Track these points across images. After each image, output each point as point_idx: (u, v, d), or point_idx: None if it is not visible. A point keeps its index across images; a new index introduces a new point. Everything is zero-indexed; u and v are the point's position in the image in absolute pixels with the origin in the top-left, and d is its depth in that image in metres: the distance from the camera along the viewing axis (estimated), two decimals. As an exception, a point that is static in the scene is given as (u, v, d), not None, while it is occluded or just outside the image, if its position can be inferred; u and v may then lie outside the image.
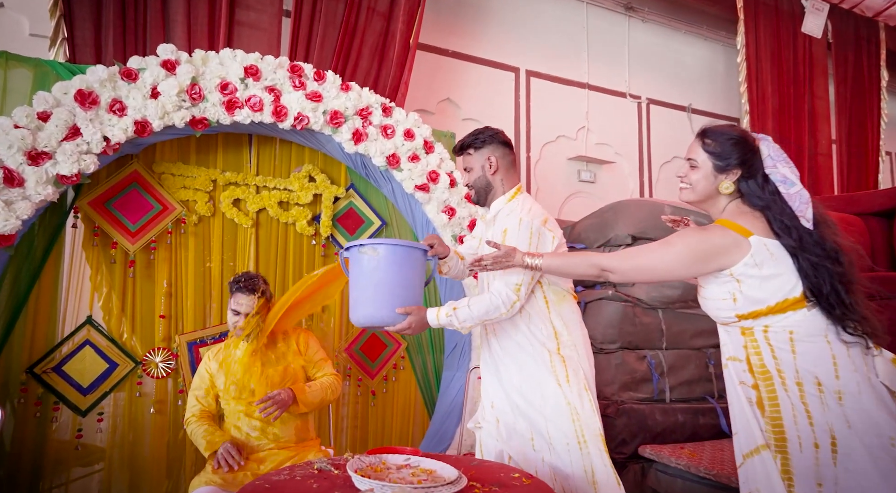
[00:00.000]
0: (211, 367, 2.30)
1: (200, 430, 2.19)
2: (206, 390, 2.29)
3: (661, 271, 1.57)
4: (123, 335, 2.62)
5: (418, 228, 3.23)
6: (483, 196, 2.04)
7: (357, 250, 1.83)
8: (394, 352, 3.25)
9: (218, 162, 2.88)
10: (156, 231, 2.67)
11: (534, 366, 1.88)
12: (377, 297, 1.79)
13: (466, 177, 2.05)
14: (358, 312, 1.85)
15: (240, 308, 2.25)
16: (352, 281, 1.87)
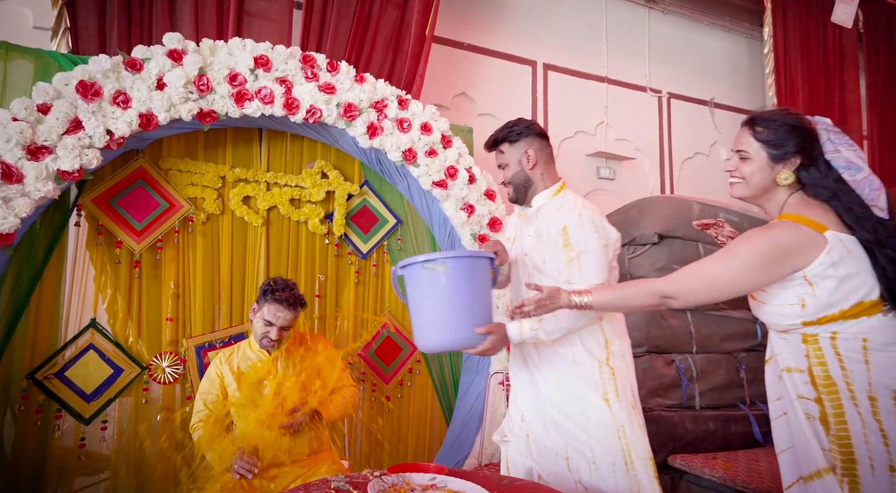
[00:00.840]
0: (222, 371, 2.18)
1: (207, 440, 2.06)
2: (216, 395, 2.16)
3: (727, 286, 1.38)
4: (129, 339, 2.51)
5: (435, 227, 3.09)
6: (522, 193, 1.86)
7: (420, 267, 1.57)
8: (409, 356, 3.11)
9: (227, 158, 2.76)
10: (162, 230, 2.55)
11: (577, 379, 1.72)
12: (453, 317, 1.57)
13: (502, 174, 1.89)
14: (431, 336, 1.61)
15: (276, 321, 2.11)
16: (416, 303, 1.62)
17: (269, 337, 2.13)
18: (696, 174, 5.27)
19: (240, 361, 2.18)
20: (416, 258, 1.59)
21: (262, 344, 2.16)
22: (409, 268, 1.61)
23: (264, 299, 2.12)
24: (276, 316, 2.10)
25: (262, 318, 2.12)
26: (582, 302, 1.51)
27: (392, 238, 3.10)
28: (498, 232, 2.98)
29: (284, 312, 2.11)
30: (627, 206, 3.54)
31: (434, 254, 1.59)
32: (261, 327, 2.14)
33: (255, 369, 2.12)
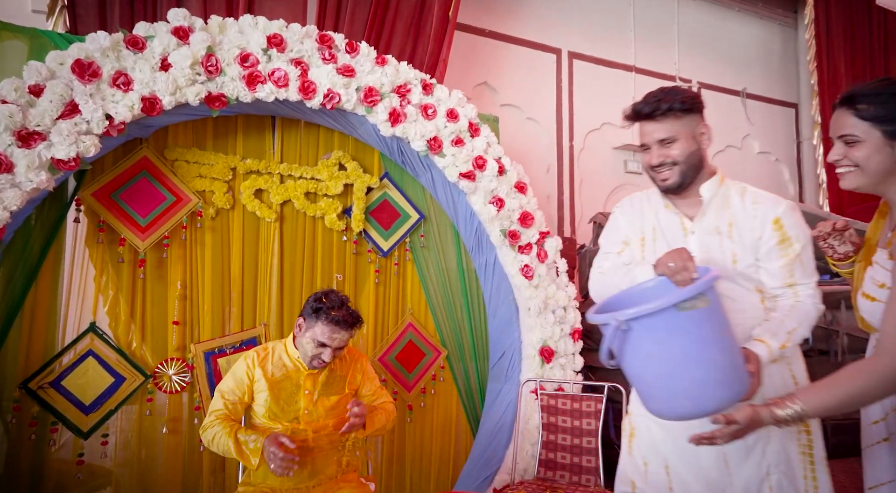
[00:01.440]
0: (255, 374, 1.93)
1: (229, 437, 1.80)
2: (240, 398, 1.91)
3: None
4: (132, 345, 2.30)
5: (460, 223, 2.87)
6: (691, 178, 1.47)
7: (674, 312, 1.13)
8: (433, 361, 2.89)
9: (238, 148, 2.55)
10: (168, 226, 2.35)
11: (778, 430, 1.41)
12: (733, 365, 1.21)
13: (662, 151, 1.45)
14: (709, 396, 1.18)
15: (332, 343, 1.87)
16: (670, 361, 1.17)
17: (322, 359, 1.89)
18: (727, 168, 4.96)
19: (274, 367, 1.95)
20: (647, 305, 1.14)
21: (311, 365, 1.92)
22: (655, 318, 1.13)
23: (315, 318, 1.87)
24: (331, 338, 1.86)
25: (313, 338, 1.87)
26: (795, 415, 1.13)
27: (414, 235, 2.88)
28: (529, 227, 2.75)
29: (341, 333, 1.86)
30: (665, 200, 3.29)
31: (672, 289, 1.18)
32: (312, 348, 1.87)
33: (293, 383, 1.91)
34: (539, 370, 2.72)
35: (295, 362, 1.95)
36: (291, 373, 1.93)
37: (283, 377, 1.92)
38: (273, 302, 2.55)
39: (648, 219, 1.58)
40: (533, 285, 2.72)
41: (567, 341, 2.78)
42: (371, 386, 2.08)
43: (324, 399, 1.94)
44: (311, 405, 1.92)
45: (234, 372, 1.94)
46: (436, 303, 2.90)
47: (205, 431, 1.86)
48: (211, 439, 1.84)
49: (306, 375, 1.93)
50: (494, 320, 2.92)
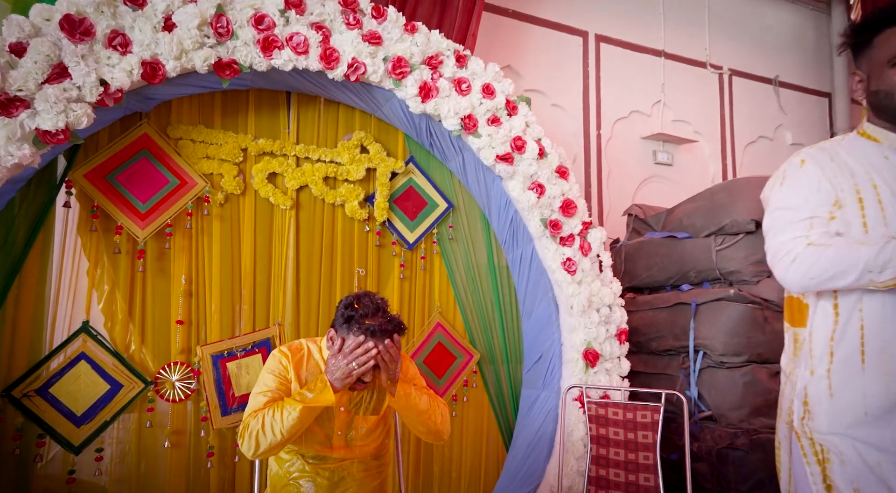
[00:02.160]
0: (290, 376, 1.59)
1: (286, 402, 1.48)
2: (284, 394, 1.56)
3: None
4: (130, 347, 2.03)
5: (493, 212, 2.59)
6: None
7: None
8: (465, 365, 2.62)
9: (249, 126, 2.28)
10: (172, 212, 2.08)
11: None
12: None
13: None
14: None
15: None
16: None
17: (363, 381, 1.55)
18: (759, 161, 4.75)
19: (308, 373, 1.62)
20: None
21: (356, 386, 1.59)
22: None
23: (347, 329, 1.50)
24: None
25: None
26: None
27: (442, 225, 2.61)
28: (572, 216, 2.48)
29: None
30: (712, 189, 3.03)
31: None
32: (346, 365, 1.49)
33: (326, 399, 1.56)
34: (582, 376, 2.45)
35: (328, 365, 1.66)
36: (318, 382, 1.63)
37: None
38: (289, 299, 2.28)
39: (860, 172, 1.28)
40: (576, 280, 2.45)
41: (613, 342, 2.51)
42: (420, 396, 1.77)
43: (360, 419, 1.65)
44: (345, 426, 1.64)
45: (271, 369, 1.60)
46: (465, 301, 2.63)
47: (246, 431, 1.47)
48: (260, 427, 1.44)
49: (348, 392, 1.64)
50: (529, 321, 2.65)
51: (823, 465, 1.27)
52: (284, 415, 1.45)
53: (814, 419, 1.31)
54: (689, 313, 2.77)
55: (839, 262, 1.19)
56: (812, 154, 1.35)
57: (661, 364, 2.93)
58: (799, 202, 1.30)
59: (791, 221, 1.30)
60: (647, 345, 3.00)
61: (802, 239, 1.26)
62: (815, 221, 1.27)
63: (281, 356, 1.61)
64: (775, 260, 1.33)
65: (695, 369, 2.71)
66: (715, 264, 2.79)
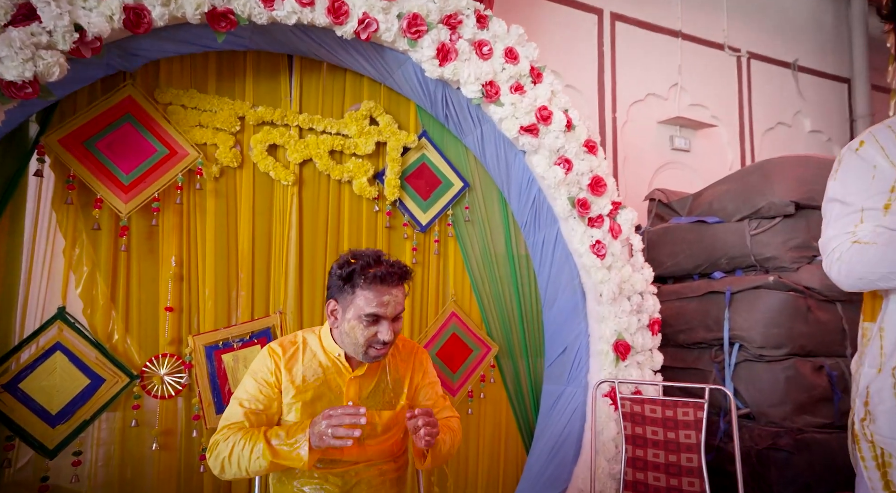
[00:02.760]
0: (280, 378, 1.38)
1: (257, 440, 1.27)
2: (267, 404, 1.36)
3: None
4: (113, 336, 1.80)
5: (513, 191, 2.38)
6: None
7: None
8: (482, 359, 2.40)
9: (247, 92, 2.05)
10: (159, 185, 1.85)
11: None
12: None
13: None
14: None
15: (387, 311, 1.32)
16: None
17: (383, 341, 1.34)
18: (778, 149, 4.55)
19: (306, 370, 1.40)
20: None
21: (368, 356, 1.38)
22: None
23: (351, 288, 1.32)
24: (382, 303, 1.30)
25: (359, 315, 1.31)
26: None
27: (458, 206, 2.39)
28: (601, 195, 2.27)
29: (392, 292, 1.32)
30: (745, 170, 2.83)
31: None
32: (362, 330, 1.31)
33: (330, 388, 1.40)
34: (612, 370, 2.23)
35: (335, 360, 1.44)
36: (330, 377, 1.41)
37: (318, 383, 1.40)
38: (291, 284, 2.05)
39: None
40: (605, 265, 2.24)
41: (645, 333, 2.29)
42: (430, 393, 1.56)
43: (374, 414, 1.43)
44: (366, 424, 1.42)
45: (255, 372, 1.40)
46: (482, 288, 2.42)
47: (215, 449, 1.29)
48: (227, 455, 1.26)
49: (350, 379, 1.42)
50: (552, 310, 2.43)
51: (884, 469, 1.16)
52: (252, 457, 1.26)
53: (875, 421, 1.19)
54: (723, 303, 2.57)
55: (885, 261, 1.10)
56: (875, 132, 1.21)
57: (691, 358, 2.73)
58: (850, 192, 1.19)
59: (839, 215, 1.20)
60: (675, 338, 2.79)
61: (848, 236, 1.17)
62: (867, 215, 1.16)
63: (269, 356, 1.40)
64: (823, 256, 1.25)
65: (730, 363, 2.50)
66: (749, 250, 2.59)
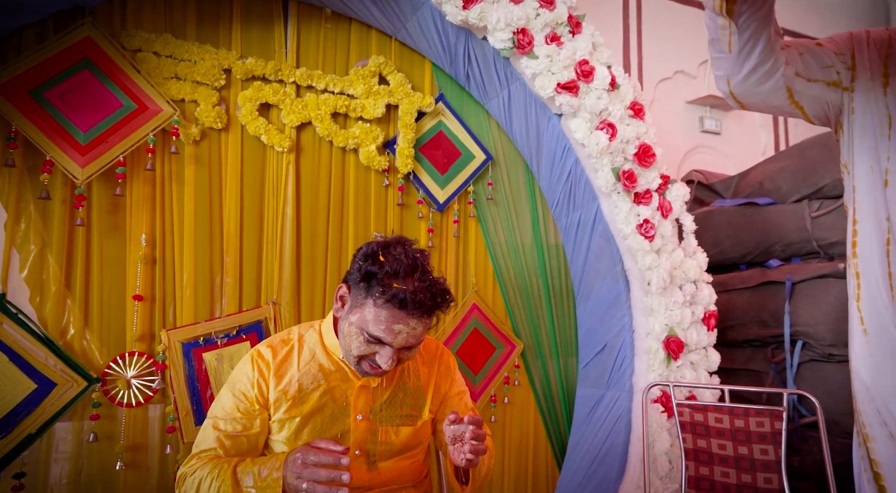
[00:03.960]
0: (267, 387, 1.09)
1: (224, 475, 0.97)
2: (246, 424, 1.06)
3: None
4: (68, 331, 1.47)
5: (543, 164, 2.05)
6: None
7: None
8: (506, 358, 2.07)
9: (234, 41, 1.72)
10: (126, 146, 1.52)
11: None
12: None
13: None
14: None
15: (394, 340, 1.02)
16: None
17: (376, 365, 1.05)
18: (810, 131, 4.24)
19: (302, 376, 1.10)
20: None
21: (360, 369, 1.09)
22: None
23: (367, 291, 1.03)
24: (391, 330, 1.01)
25: (361, 328, 1.04)
26: None
27: (479, 182, 2.07)
28: (649, 167, 1.95)
29: (410, 323, 1.02)
30: (802, 144, 2.51)
31: None
32: (359, 343, 1.04)
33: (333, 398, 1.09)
34: (662, 371, 1.91)
35: (339, 363, 1.12)
36: (334, 384, 1.10)
37: (318, 393, 1.08)
38: (286, 270, 1.72)
39: None
40: (654, 249, 1.91)
41: (699, 328, 1.97)
42: (459, 405, 1.25)
43: (389, 432, 1.12)
44: (366, 442, 1.11)
45: (233, 381, 1.10)
46: (507, 277, 2.09)
47: (182, 485, 1.01)
48: (194, 491, 0.98)
49: (359, 386, 1.10)
50: (588, 302, 2.11)
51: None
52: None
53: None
54: (782, 295, 2.24)
55: None
56: None
57: (742, 358, 2.40)
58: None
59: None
60: (723, 334, 2.46)
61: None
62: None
63: (254, 363, 1.09)
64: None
65: (792, 364, 2.18)
66: (811, 235, 2.26)
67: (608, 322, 2.05)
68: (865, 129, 0.82)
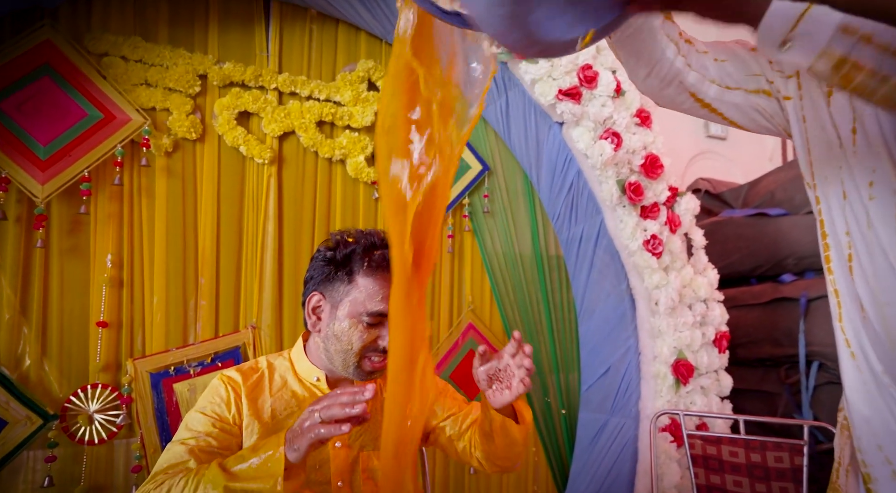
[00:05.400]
0: (242, 410, 0.97)
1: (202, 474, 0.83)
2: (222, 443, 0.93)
3: None
4: (24, 362, 1.35)
5: (543, 175, 1.93)
6: None
7: None
8: (505, 382, 1.94)
9: (210, 44, 1.60)
10: (91, 160, 1.39)
11: None
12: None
13: None
14: None
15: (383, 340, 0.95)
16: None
17: (379, 350, 0.95)
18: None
19: (275, 401, 0.99)
20: None
21: (362, 370, 0.96)
22: None
23: (347, 276, 0.95)
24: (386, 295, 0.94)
25: (358, 312, 0.94)
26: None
27: (475, 194, 1.95)
28: (657, 179, 1.82)
29: None
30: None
31: None
32: (360, 332, 0.94)
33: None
34: (671, 397, 1.79)
35: (312, 388, 1.01)
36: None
37: (293, 420, 0.96)
38: (267, 291, 1.60)
39: None
40: (662, 266, 1.79)
41: (710, 351, 1.85)
42: (447, 402, 1.13)
43: (371, 457, 1.02)
44: (348, 471, 1.00)
45: (203, 406, 0.97)
46: (505, 295, 1.97)
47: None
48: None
49: None
50: (591, 321, 1.99)
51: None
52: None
53: None
54: (796, 312, 2.12)
55: None
56: None
57: (754, 378, 2.28)
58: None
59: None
60: (733, 353, 2.33)
61: None
62: None
63: (223, 385, 0.98)
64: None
65: (808, 386, 2.05)
66: (825, 248, 2.13)
67: (612, 343, 1.92)
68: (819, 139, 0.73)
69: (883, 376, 0.66)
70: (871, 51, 0.48)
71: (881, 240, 0.65)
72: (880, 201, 0.66)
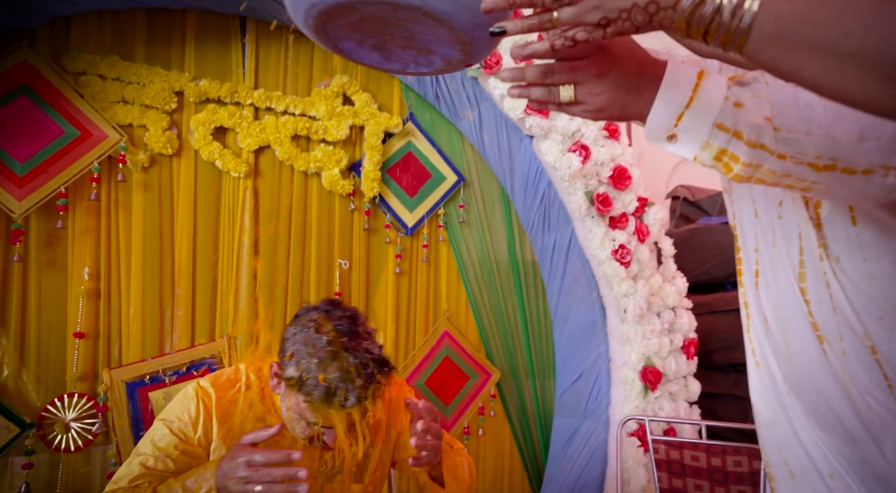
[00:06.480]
0: (211, 431, 0.98)
1: None
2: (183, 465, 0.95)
3: None
4: (2, 372, 1.39)
5: (517, 186, 1.98)
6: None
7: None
8: (480, 387, 1.99)
9: (187, 62, 1.65)
10: (68, 176, 1.44)
11: None
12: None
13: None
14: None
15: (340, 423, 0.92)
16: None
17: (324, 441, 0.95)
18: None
19: (246, 422, 1.01)
20: None
21: (312, 444, 0.97)
22: None
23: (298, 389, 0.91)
24: (327, 419, 0.92)
25: (299, 414, 0.93)
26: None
27: (451, 205, 1.99)
28: (625, 190, 1.87)
29: (350, 409, 0.91)
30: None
31: None
32: (301, 427, 0.94)
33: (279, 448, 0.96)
34: (639, 402, 1.83)
35: (279, 411, 1.04)
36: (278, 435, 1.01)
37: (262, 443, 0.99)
38: (243, 302, 1.65)
39: None
40: (630, 275, 1.84)
41: (678, 357, 1.89)
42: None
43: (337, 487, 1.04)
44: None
45: (170, 418, 0.99)
46: (480, 303, 2.01)
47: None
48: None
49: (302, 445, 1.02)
50: (564, 328, 2.03)
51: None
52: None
53: None
54: (767, 318, 2.16)
55: None
56: None
57: (727, 383, 2.32)
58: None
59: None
60: (707, 358, 2.38)
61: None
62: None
63: (198, 400, 0.98)
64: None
65: (777, 391, 2.09)
66: None
67: (584, 350, 1.97)
68: None
69: (782, 384, 0.71)
70: (743, 147, 0.53)
71: (783, 259, 0.69)
72: (786, 222, 0.71)
